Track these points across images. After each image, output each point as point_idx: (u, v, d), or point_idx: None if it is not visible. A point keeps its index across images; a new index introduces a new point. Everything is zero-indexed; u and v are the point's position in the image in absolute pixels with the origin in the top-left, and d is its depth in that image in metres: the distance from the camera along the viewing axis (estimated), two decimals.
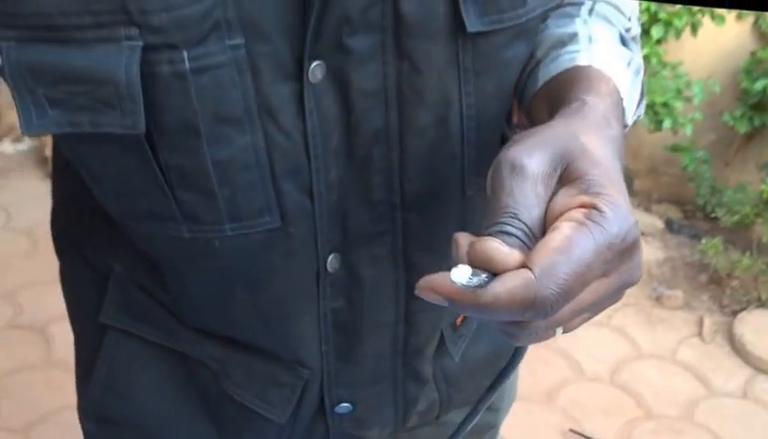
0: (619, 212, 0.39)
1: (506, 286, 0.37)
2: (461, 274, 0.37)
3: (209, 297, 0.56)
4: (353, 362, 0.59)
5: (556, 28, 0.54)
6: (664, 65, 2.28)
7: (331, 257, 0.53)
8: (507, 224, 0.39)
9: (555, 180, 0.41)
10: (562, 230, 0.38)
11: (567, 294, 0.37)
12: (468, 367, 0.68)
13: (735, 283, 2.22)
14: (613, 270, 0.39)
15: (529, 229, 0.39)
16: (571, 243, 0.37)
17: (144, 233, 0.53)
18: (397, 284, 0.56)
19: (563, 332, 0.42)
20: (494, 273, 0.37)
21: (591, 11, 0.55)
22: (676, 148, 2.42)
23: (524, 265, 0.37)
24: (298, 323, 0.56)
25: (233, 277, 0.53)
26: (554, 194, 0.40)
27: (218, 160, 0.47)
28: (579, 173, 0.40)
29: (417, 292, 0.39)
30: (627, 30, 0.57)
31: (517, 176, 0.40)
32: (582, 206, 0.39)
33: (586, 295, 0.39)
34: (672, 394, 1.95)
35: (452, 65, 0.49)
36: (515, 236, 0.39)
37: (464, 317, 0.61)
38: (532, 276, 0.36)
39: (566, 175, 0.41)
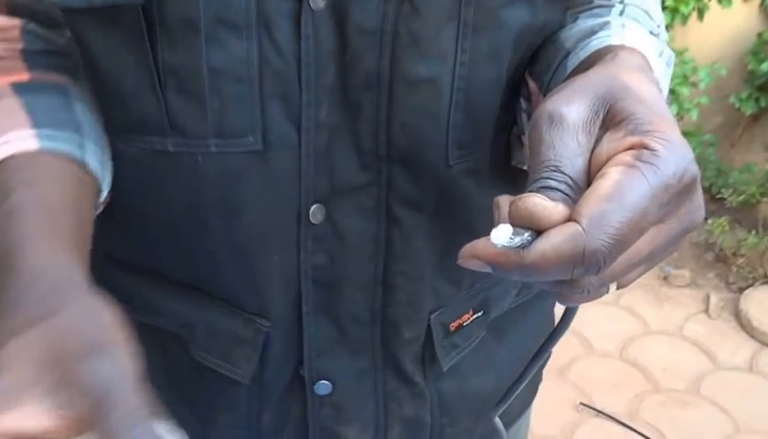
0: (673, 149, 0.36)
1: (551, 242, 0.34)
2: (501, 235, 0.35)
3: (182, 224, 0.54)
4: (332, 323, 0.57)
5: (586, 22, 0.53)
6: None
7: (314, 207, 0.52)
8: (550, 178, 0.36)
9: (598, 126, 0.38)
10: (611, 176, 0.35)
11: (620, 244, 0.34)
12: (468, 398, 0.64)
13: (741, 260, 2.27)
14: (671, 214, 0.36)
15: (574, 181, 0.36)
16: (622, 188, 0.34)
17: (130, 155, 0.52)
18: (377, 239, 0.54)
19: (617, 288, 0.39)
20: (538, 231, 0.35)
21: (621, 12, 0.54)
22: (682, 134, 2.46)
23: (571, 219, 0.35)
24: (267, 264, 0.54)
25: (209, 202, 0.52)
26: (598, 141, 0.38)
27: (212, 65, 0.47)
28: (624, 113, 0.37)
29: (460, 261, 0.38)
30: (656, 35, 0.55)
31: (557, 126, 0.37)
32: (631, 147, 0.36)
33: (642, 245, 0.36)
34: (679, 369, 2.01)
35: (452, 16, 0.48)
36: (558, 190, 0.36)
37: (459, 325, 0.60)
38: (580, 229, 0.34)
39: (610, 118, 0.38)
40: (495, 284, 0.62)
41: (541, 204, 0.35)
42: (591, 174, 0.37)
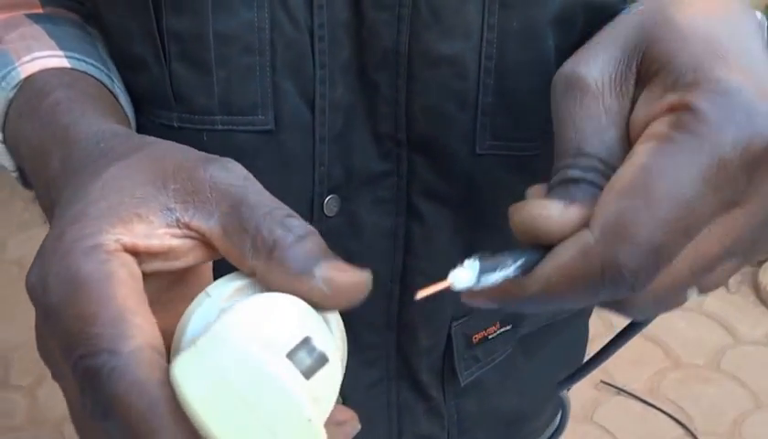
0: (729, 105, 0.26)
1: (556, 263, 0.28)
2: (460, 276, 0.28)
3: None
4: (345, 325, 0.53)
5: None
6: None
7: (329, 198, 0.48)
8: (570, 167, 0.29)
9: (632, 82, 0.30)
10: (636, 159, 0.27)
11: (657, 253, 0.26)
12: (488, 417, 0.59)
13: None
14: (746, 193, 0.27)
15: (605, 163, 0.29)
16: (650, 176, 0.26)
17: (140, 126, 0.49)
18: (395, 234, 0.50)
19: (699, 293, 0.30)
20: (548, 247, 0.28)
21: None
22: None
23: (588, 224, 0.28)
24: None
25: None
26: (635, 102, 0.29)
27: (219, 31, 0.44)
28: (661, 59, 0.29)
29: (463, 299, 0.31)
30: None
31: (574, 93, 0.30)
32: (671, 109, 0.27)
33: (707, 244, 0.27)
34: (699, 344, 2.01)
35: None
36: (584, 181, 0.29)
37: (484, 337, 0.54)
38: (590, 240, 0.27)
39: (645, 68, 0.29)
40: None
41: (540, 213, 0.28)
42: (630, 147, 0.28)
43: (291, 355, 0.25)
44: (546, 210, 0.28)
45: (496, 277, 0.28)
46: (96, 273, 0.27)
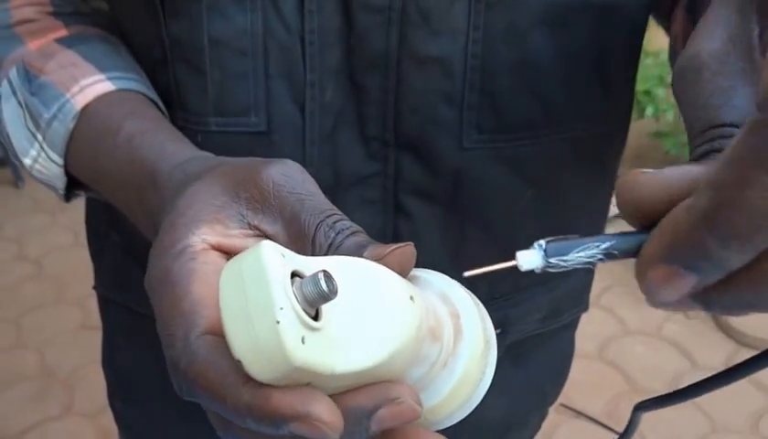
0: None
1: (663, 225, 0.24)
2: (528, 258, 0.28)
3: None
4: None
5: None
6: (646, 54, 2.32)
7: None
8: (708, 140, 0.27)
9: (756, 31, 0.28)
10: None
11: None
12: (476, 422, 0.59)
13: None
14: None
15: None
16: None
17: None
18: (384, 233, 0.52)
19: None
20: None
21: None
22: (658, 134, 2.48)
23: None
24: None
25: None
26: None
27: (214, 36, 0.46)
28: None
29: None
30: None
31: (701, 73, 0.28)
32: None
33: None
34: (658, 369, 2.02)
35: None
36: (713, 151, 0.27)
37: None
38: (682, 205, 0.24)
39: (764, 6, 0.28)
40: (516, 304, 0.58)
41: (643, 178, 0.26)
42: None
43: (303, 279, 0.28)
44: (646, 178, 0.26)
45: (576, 258, 0.26)
46: (181, 272, 0.32)
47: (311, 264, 0.30)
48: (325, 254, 0.32)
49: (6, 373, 1.98)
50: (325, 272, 0.28)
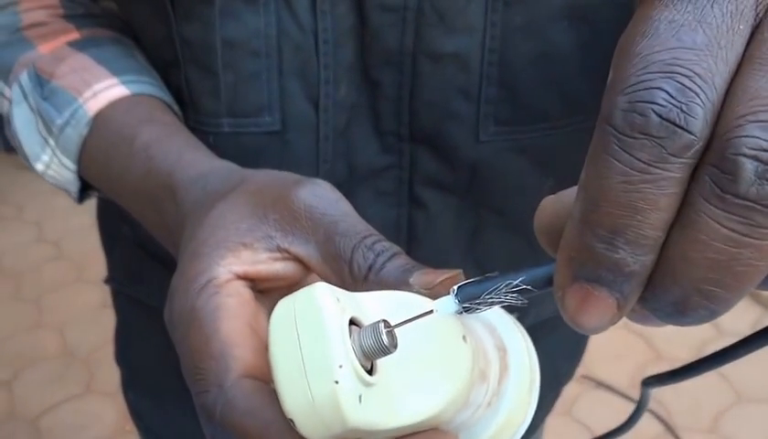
0: None
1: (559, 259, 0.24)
2: (445, 304, 0.28)
3: None
4: None
5: None
6: None
7: None
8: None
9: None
10: None
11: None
12: None
13: None
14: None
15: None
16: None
17: None
18: (398, 225, 0.52)
19: None
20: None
21: None
22: None
23: None
24: None
25: None
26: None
27: (227, 38, 0.45)
28: None
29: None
30: None
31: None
32: None
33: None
34: (683, 337, 1.99)
35: None
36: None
37: None
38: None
39: None
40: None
41: (545, 202, 0.26)
42: None
43: (361, 330, 0.26)
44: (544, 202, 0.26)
45: (489, 300, 0.26)
46: (206, 309, 0.30)
47: (363, 306, 0.28)
48: (365, 277, 0.31)
49: (27, 353, 1.99)
50: (385, 322, 0.26)
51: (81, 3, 0.52)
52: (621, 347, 1.97)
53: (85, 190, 0.51)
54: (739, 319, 2.04)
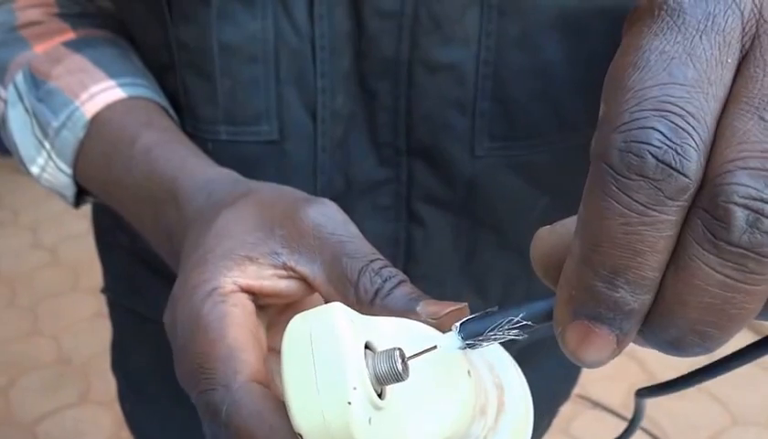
0: None
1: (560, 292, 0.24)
2: (447, 340, 0.27)
3: None
4: None
5: None
6: None
7: None
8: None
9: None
10: None
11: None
12: None
13: None
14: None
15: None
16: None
17: None
18: (396, 240, 0.51)
19: None
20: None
21: None
22: None
23: None
24: None
25: None
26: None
27: (224, 42, 0.44)
28: None
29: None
30: None
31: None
32: None
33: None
34: (675, 359, 1.98)
35: None
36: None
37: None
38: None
39: None
40: None
41: (541, 233, 0.26)
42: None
43: (376, 355, 0.27)
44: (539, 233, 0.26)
45: (492, 336, 0.26)
46: (212, 315, 0.31)
47: (376, 330, 0.28)
48: (371, 301, 0.31)
49: (23, 361, 1.99)
50: (400, 351, 0.26)
51: (77, 2, 0.52)
52: (614, 369, 1.98)
53: (81, 195, 0.51)
54: (731, 344, 2.06)
